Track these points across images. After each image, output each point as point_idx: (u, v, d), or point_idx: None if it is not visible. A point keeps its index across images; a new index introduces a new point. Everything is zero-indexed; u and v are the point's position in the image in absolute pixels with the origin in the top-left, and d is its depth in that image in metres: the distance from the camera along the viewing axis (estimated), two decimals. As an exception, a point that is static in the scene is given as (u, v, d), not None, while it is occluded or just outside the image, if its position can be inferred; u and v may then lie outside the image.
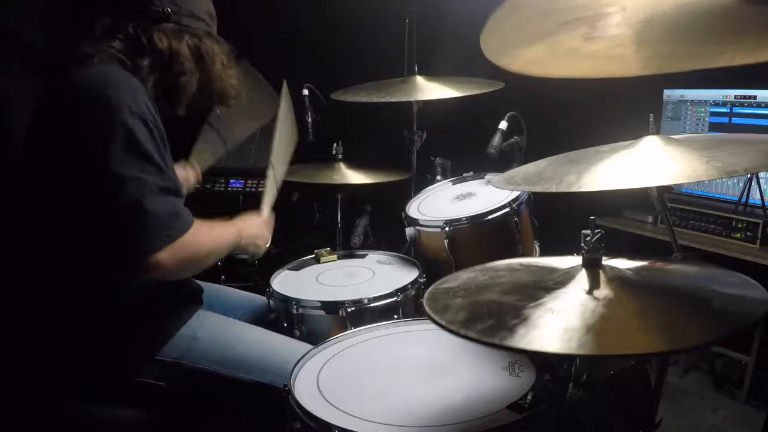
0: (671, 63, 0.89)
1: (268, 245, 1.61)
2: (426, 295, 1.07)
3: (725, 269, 1.04)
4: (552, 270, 1.07)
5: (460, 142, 2.37)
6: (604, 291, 0.94)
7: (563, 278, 1.00)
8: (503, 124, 2.11)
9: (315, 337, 1.56)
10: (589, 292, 0.94)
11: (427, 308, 0.99)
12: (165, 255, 1.17)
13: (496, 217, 1.78)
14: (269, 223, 1.65)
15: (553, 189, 0.99)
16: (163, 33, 1.31)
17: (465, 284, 1.09)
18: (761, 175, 2.32)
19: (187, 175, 1.76)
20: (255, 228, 1.56)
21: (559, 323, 0.86)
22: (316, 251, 2.00)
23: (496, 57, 1.13)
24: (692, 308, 0.91)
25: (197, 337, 1.36)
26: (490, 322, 0.90)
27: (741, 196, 2.37)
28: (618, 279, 0.97)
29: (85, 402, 1.27)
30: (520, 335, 0.84)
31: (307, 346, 1.49)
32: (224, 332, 1.42)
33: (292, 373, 1.23)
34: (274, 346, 1.46)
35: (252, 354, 1.40)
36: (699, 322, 0.86)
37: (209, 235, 1.33)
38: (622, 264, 1.05)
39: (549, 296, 0.95)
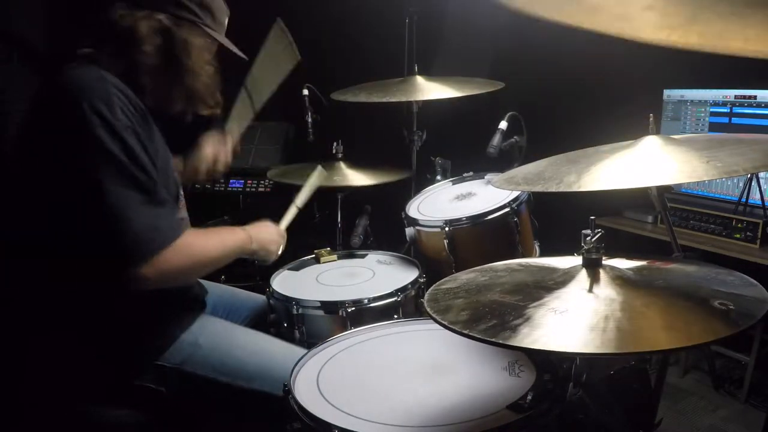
0: (680, 34, 0.83)
1: (279, 252, 1.62)
2: (426, 296, 1.07)
3: (724, 268, 1.04)
4: (552, 270, 1.07)
5: (460, 142, 2.37)
6: (605, 290, 0.94)
7: (564, 278, 1.00)
8: (503, 124, 2.11)
9: (315, 337, 1.56)
10: (590, 291, 0.95)
11: (429, 310, 0.99)
12: (147, 269, 1.17)
13: (496, 217, 1.78)
14: (283, 234, 1.67)
15: (553, 189, 0.99)
16: (132, 15, 1.26)
17: (465, 285, 1.10)
18: (761, 175, 2.32)
19: (226, 146, 1.76)
20: (267, 233, 1.56)
21: (561, 322, 0.86)
22: (316, 251, 2.00)
23: None
24: (694, 307, 0.91)
25: (199, 344, 1.35)
26: (493, 322, 0.90)
27: (741, 196, 2.36)
28: (618, 278, 0.98)
29: (85, 404, 1.26)
30: (524, 335, 0.85)
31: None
32: (226, 338, 1.41)
33: (292, 373, 1.23)
34: (275, 353, 1.43)
35: (253, 361, 1.39)
36: (702, 321, 0.87)
37: (205, 245, 1.32)
38: (622, 264, 1.05)
39: (550, 296, 0.95)
